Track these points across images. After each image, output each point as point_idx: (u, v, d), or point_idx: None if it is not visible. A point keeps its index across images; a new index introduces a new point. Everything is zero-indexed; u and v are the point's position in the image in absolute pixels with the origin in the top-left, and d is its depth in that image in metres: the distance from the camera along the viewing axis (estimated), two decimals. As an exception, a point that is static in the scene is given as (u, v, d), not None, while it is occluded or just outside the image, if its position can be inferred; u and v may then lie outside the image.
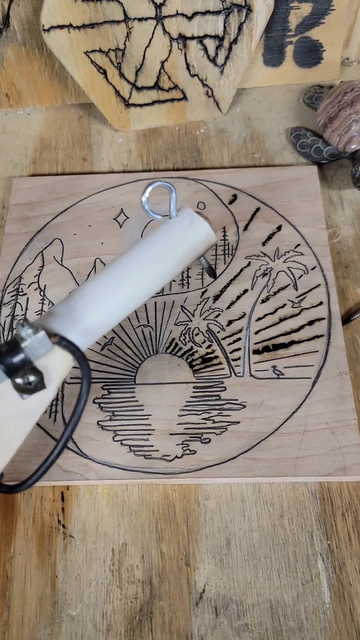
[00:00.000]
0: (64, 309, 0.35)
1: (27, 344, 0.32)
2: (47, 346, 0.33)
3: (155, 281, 0.36)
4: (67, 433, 0.36)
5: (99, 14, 0.57)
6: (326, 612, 0.41)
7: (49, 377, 0.34)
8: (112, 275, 0.36)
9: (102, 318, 0.36)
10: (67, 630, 0.41)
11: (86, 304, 0.35)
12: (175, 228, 0.37)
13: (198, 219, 0.37)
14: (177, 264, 0.37)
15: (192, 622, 0.41)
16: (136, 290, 0.36)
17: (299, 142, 0.63)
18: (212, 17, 0.59)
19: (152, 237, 0.37)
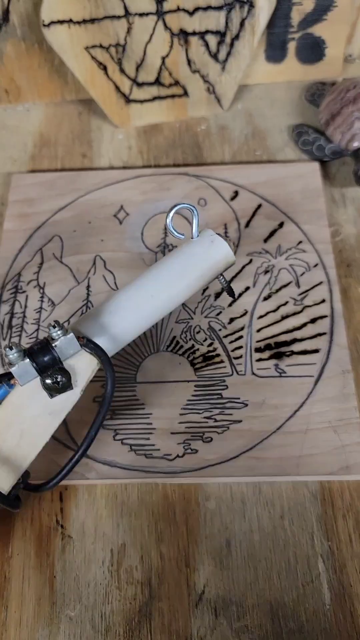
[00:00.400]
0: (94, 315, 0.38)
1: (57, 344, 0.35)
2: (76, 347, 0.36)
3: (178, 295, 0.40)
4: (92, 433, 0.38)
5: (99, 9, 0.57)
6: (326, 613, 0.40)
7: (76, 378, 0.37)
8: (139, 287, 0.39)
9: (129, 326, 0.39)
10: (66, 631, 0.41)
11: (114, 313, 0.38)
12: (197, 247, 0.40)
13: (218, 239, 0.40)
14: (198, 280, 0.40)
15: (191, 623, 0.40)
16: (161, 302, 0.39)
17: (301, 140, 0.62)
18: (213, 12, 0.58)
19: (176, 255, 0.40)
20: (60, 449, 0.46)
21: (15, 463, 0.38)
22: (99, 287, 0.54)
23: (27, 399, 0.37)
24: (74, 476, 0.45)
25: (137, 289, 0.39)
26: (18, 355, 0.35)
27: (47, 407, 0.37)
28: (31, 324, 0.53)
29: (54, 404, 0.37)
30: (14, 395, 0.37)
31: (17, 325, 0.52)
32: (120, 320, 0.39)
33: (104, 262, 0.56)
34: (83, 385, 0.38)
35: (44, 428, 0.38)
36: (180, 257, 0.40)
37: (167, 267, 0.40)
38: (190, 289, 0.40)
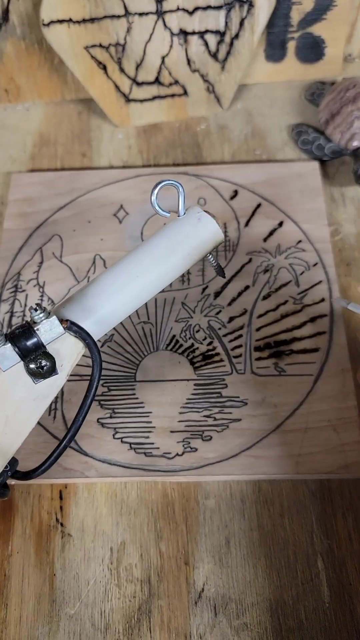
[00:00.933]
0: (77, 298, 0.37)
1: (39, 328, 0.34)
2: (59, 331, 0.35)
3: (166, 274, 0.38)
4: (79, 418, 0.37)
5: (99, 8, 0.57)
6: (326, 611, 0.40)
7: (61, 362, 0.36)
8: (124, 268, 0.38)
9: (114, 308, 0.37)
10: (65, 629, 0.41)
11: (99, 295, 0.37)
12: (183, 225, 0.38)
13: (205, 216, 0.38)
14: (186, 259, 0.39)
15: (190, 621, 0.40)
16: (147, 282, 0.38)
17: (300, 139, 0.62)
18: (213, 12, 0.58)
19: (162, 233, 0.39)
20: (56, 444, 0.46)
21: (1, 450, 0.37)
22: (99, 286, 0.54)
23: (10, 384, 0.36)
24: (74, 474, 0.45)
25: (122, 270, 0.38)
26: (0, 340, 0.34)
27: (31, 392, 0.36)
28: (31, 322, 0.53)
29: (39, 389, 0.36)
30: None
31: (16, 324, 0.52)
32: (105, 302, 0.37)
33: (104, 261, 0.56)
34: (68, 369, 0.37)
35: (30, 414, 0.37)
36: (166, 235, 0.38)
37: (153, 246, 0.38)
38: (177, 268, 0.39)
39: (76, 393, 0.49)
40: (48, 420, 0.48)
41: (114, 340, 0.51)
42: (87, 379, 0.49)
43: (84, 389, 0.49)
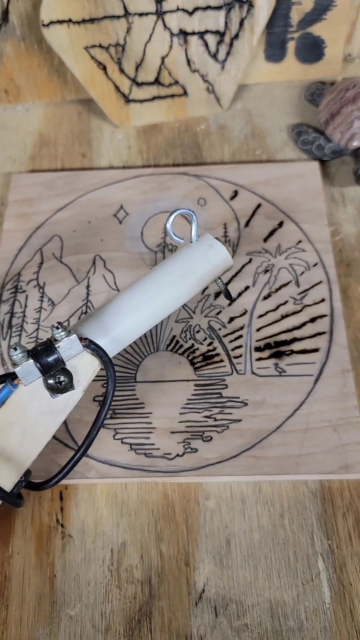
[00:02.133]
0: (94, 316, 0.39)
1: (60, 345, 0.36)
2: (78, 348, 0.37)
3: (178, 297, 0.41)
4: (93, 433, 0.39)
5: (98, 9, 0.57)
6: (326, 612, 0.40)
7: (78, 378, 0.38)
8: (140, 290, 0.40)
9: (129, 327, 0.40)
10: (66, 630, 0.41)
11: (115, 314, 0.39)
12: (196, 251, 0.41)
13: (217, 244, 0.41)
14: (197, 283, 0.41)
15: (191, 622, 0.40)
16: (161, 304, 0.40)
17: (300, 139, 0.62)
18: (213, 12, 0.58)
19: (176, 258, 0.41)
20: (60, 448, 0.46)
21: (18, 461, 0.38)
22: (99, 286, 0.54)
23: (29, 398, 0.38)
24: (74, 475, 0.45)
25: (138, 291, 0.40)
26: (22, 356, 0.36)
27: (49, 406, 0.38)
28: (31, 323, 0.53)
29: (56, 403, 0.38)
30: (17, 394, 0.37)
31: (17, 325, 0.52)
32: (121, 321, 0.39)
33: (104, 262, 0.56)
34: (84, 385, 0.38)
35: (46, 427, 0.38)
36: (179, 260, 0.41)
37: (167, 270, 0.41)
38: (189, 292, 0.41)
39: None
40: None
41: (114, 340, 0.51)
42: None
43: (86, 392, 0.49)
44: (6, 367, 0.50)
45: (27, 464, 0.39)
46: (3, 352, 0.51)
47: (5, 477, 0.38)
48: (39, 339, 0.51)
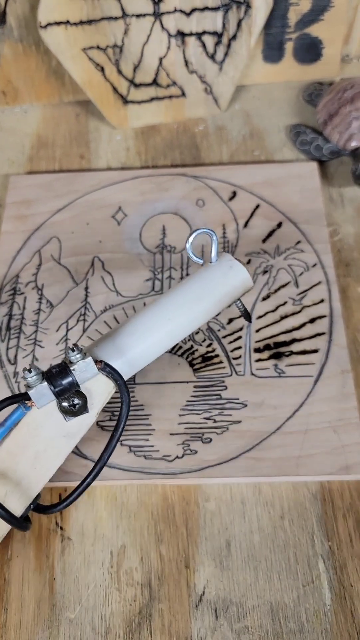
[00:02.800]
0: (110, 338, 0.38)
1: (75, 368, 0.35)
2: (93, 371, 0.36)
3: (196, 319, 0.40)
4: (105, 457, 0.38)
5: (96, 10, 0.57)
6: (327, 613, 0.40)
7: (92, 401, 0.37)
8: (157, 311, 0.39)
9: (145, 349, 0.39)
10: (66, 633, 0.40)
11: (131, 335, 0.38)
12: (215, 271, 0.40)
13: (237, 265, 0.40)
14: (215, 305, 0.40)
15: (191, 624, 0.40)
16: (178, 326, 0.39)
17: (298, 140, 0.62)
18: (210, 13, 0.58)
19: (194, 279, 0.40)
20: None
21: (29, 485, 0.38)
22: (98, 288, 0.54)
23: (42, 421, 0.37)
24: (73, 477, 0.45)
25: (154, 312, 0.39)
26: (37, 378, 0.35)
27: (62, 429, 0.37)
28: (29, 325, 0.52)
29: (69, 426, 0.37)
30: (30, 417, 0.36)
31: (15, 327, 0.52)
32: (136, 343, 0.38)
33: (103, 263, 0.56)
34: (99, 408, 0.38)
35: (59, 450, 0.38)
36: (198, 281, 0.40)
37: (184, 291, 0.39)
38: (207, 313, 0.40)
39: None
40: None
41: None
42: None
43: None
44: (5, 369, 0.50)
45: (39, 488, 0.38)
46: (2, 354, 0.51)
47: (16, 501, 0.37)
48: (37, 341, 0.51)
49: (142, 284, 0.54)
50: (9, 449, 0.37)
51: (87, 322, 0.52)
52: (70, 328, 0.52)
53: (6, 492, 0.37)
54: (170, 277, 0.54)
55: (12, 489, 0.37)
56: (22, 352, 0.51)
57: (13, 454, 0.37)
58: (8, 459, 0.37)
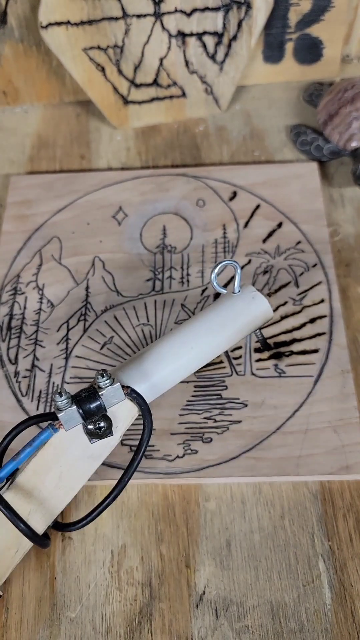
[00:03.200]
0: (136, 363, 0.40)
1: (103, 393, 0.36)
2: (120, 397, 0.37)
3: (217, 346, 0.41)
4: (126, 479, 0.39)
5: (97, 10, 0.57)
6: (327, 613, 0.40)
7: (116, 424, 0.38)
8: (180, 338, 0.41)
9: (168, 375, 0.40)
10: (66, 633, 0.40)
11: (156, 361, 0.40)
12: (238, 302, 0.42)
13: (259, 296, 0.42)
14: (237, 334, 0.42)
15: (192, 624, 0.40)
16: (200, 353, 0.41)
17: (299, 140, 0.62)
18: (211, 13, 0.58)
19: (218, 308, 0.42)
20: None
21: (53, 504, 0.39)
22: (98, 288, 0.54)
23: (68, 442, 0.38)
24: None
25: (178, 339, 0.40)
26: (67, 402, 0.36)
27: (86, 451, 0.38)
28: (30, 325, 0.52)
29: (94, 448, 0.38)
30: (57, 438, 0.37)
31: (16, 327, 0.52)
32: (161, 368, 0.40)
33: (103, 263, 0.56)
34: (122, 431, 0.39)
35: (82, 471, 0.39)
36: (222, 310, 0.41)
37: (208, 319, 0.41)
38: (228, 341, 0.41)
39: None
40: (48, 423, 0.47)
41: (114, 342, 0.51)
42: (88, 381, 0.49)
43: (83, 392, 0.49)
44: (5, 368, 0.50)
45: (61, 507, 0.39)
46: (2, 354, 0.51)
47: (39, 519, 0.38)
48: (38, 341, 0.51)
49: (143, 284, 0.54)
50: (36, 468, 0.38)
51: (88, 322, 0.52)
52: (70, 328, 0.52)
53: (30, 511, 0.38)
54: (170, 277, 0.54)
55: (35, 507, 0.38)
56: (22, 352, 0.51)
57: (39, 474, 0.38)
58: (34, 478, 0.38)
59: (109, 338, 0.51)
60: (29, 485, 0.38)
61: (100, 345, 0.51)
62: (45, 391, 0.49)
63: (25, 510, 0.37)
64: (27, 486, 0.38)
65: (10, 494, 0.37)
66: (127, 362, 0.41)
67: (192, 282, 0.54)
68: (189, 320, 0.42)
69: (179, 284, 0.54)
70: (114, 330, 0.52)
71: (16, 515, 0.36)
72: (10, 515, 0.35)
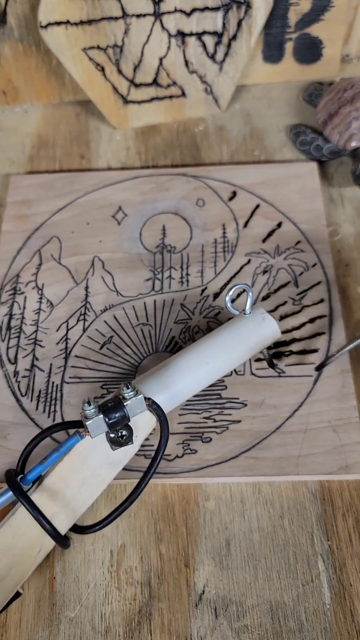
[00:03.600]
0: (155, 375, 0.43)
1: (128, 404, 0.39)
2: (142, 407, 0.39)
3: (230, 362, 0.45)
4: (142, 485, 0.40)
5: (96, 10, 0.57)
6: (327, 612, 0.40)
7: (136, 433, 0.41)
8: (197, 354, 0.44)
9: (186, 386, 0.43)
10: (66, 632, 0.40)
11: (174, 374, 0.43)
12: (249, 323, 0.45)
13: (269, 318, 0.45)
14: (248, 351, 0.45)
15: (191, 623, 0.40)
16: (214, 367, 0.44)
17: (298, 140, 0.62)
18: (210, 13, 0.58)
19: (231, 328, 0.45)
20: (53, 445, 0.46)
21: (74, 508, 0.40)
22: (98, 287, 0.54)
23: (92, 449, 0.40)
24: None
25: (194, 354, 0.44)
26: (94, 411, 0.38)
27: (108, 457, 0.41)
28: (30, 325, 0.52)
29: (115, 455, 0.41)
30: (82, 444, 0.40)
31: (15, 327, 0.52)
32: (179, 380, 0.43)
33: (103, 263, 0.56)
34: (141, 440, 0.41)
35: (103, 477, 0.41)
36: (233, 330, 0.45)
37: (222, 338, 0.45)
38: (240, 358, 0.45)
39: (77, 395, 0.49)
40: (47, 422, 0.47)
41: (113, 342, 0.51)
42: (87, 381, 0.49)
43: (83, 390, 0.49)
44: (5, 368, 0.50)
45: (82, 510, 0.41)
46: (2, 354, 0.51)
47: (61, 521, 0.40)
48: (37, 341, 0.51)
49: (142, 283, 0.54)
50: (61, 473, 0.39)
51: (87, 322, 0.52)
52: (70, 328, 0.52)
53: (54, 512, 0.39)
54: (170, 277, 0.54)
55: (59, 510, 0.40)
56: (22, 352, 0.51)
57: (63, 478, 0.40)
58: (59, 482, 0.39)
59: (109, 338, 0.51)
60: (54, 488, 0.39)
61: (100, 345, 0.51)
62: (44, 391, 0.49)
63: (49, 512, 0.39)
64: (52, 489, 0.39)
65: (37, 495, 0.39)
66: (147, 374, 0.43)
67: (191, 281, 0.54)
68: (204, 337, 0.45)
69: (179, 283, 0.54)
70: (114, 330, 0.52)
71: (42, 515, 0.37)
72: (37, 515, 0.37)
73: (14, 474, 0.39)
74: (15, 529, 0.38)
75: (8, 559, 0.38)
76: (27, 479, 0.39)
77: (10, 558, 0.38)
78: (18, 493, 0.37)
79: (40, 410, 0.48)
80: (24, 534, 0.39)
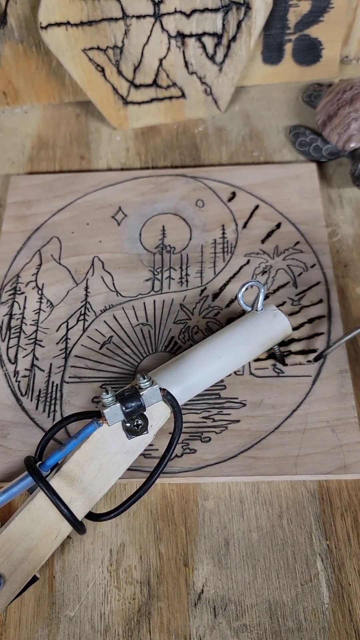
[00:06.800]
0: (170, 368, 0.44)
1: (144, 393, 0.40)
2: (157, 397, 0.41)
3: (242, 357, 0.46)
4: (155, 475, 0.41)
5: (96, 11, 0.57)
6: (325, 612, 0.41)
7: (151, 423, 0.42)
8: (210, 349, 0.45)
9: (200, 380, 0.45)
10: (65, 631, 0.41)
11: (189, 368, 0.44)
12: (261, 319, 0.46)
13: (280, 314, 0.46)
14: (260, 347, 0.46)
15: (190, 622, 0.41)
16: (227, 362, 0.45)
17: (298, 141, 0.63)
18: (210, 14, 0.59)
19: (243, 324, 0.46)
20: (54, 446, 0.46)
21: (91, 494, 0.41)
22: (98, 288, 0.54)
23: (109, 437, 0.41)
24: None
25: (208, 349, 0.45)
26: (112, 400, 0.39)
27: (124, 446, 0.42)
28: (30, 325, 0.53)
29: (130, 444, 0.42)
30: (100, 432, 0.41)
31: (15, 327, 0.53)
32: (193, 373, 0.44)
33: (102, 263, 0.56)
34: (156, 430, 0.42)
35: (119, 465, 0.42)
36: (246, 326, 0.46)
37: (234, 333, 0.46)
38: (252, 353, 0.46)
39: (76, 394, 0.49)
40: (47, 421, 0.48)
41: (113, 342, 0.51)
42: (87, 381, 0.49)
43: (83, 390, 0.49)
44: (5, 368, 0.50)
45: (99, 497, 0.41)
46: (2, 353, 0.51)
47: (78, 507, 0.40)
48: (37, 341, 0.52)
49: (142, 284, 0.54)
50: (78, 460, 0.41)
51: (87, 322, 0.52)
52: (70, 327, 0.52)
53: (71, 498, 0.40)
54: (169, 277, 0.55)
55: (76, 496, 0.40)
56: (22, 352, 0.51)
57: (81, 465, 0.41)
58: (76, 468, 0.41)
59: (108, 338, 0.51)
60: (72, 475, 0.40)
61: (100, 345, 0.51)
62: (44, 390, 0.49)
63: (67, 498, 0.40)
64: (70, 475, 0.40)
65: (55, 481, 0.40)
66: (162, 367, 0.45)
67: (191, 282, 0.54)
68: (217, 333, 0.46)
69: (178, 284, 0.54)
70: (113, 330, 0.52)
71: (60, 500, 0.38)
72: (55, 500, 0.38)
73: (33, 460, 0.39)
74: (34, 514, 0.39)
75: (27, 543, 0.39)
76: (46, 465, 0.40)
77: (29, 542, 0.39)
78: (37, 478, 0.38)
79: (40, 410, 0.48)
80: (42, 519, 0.40)
